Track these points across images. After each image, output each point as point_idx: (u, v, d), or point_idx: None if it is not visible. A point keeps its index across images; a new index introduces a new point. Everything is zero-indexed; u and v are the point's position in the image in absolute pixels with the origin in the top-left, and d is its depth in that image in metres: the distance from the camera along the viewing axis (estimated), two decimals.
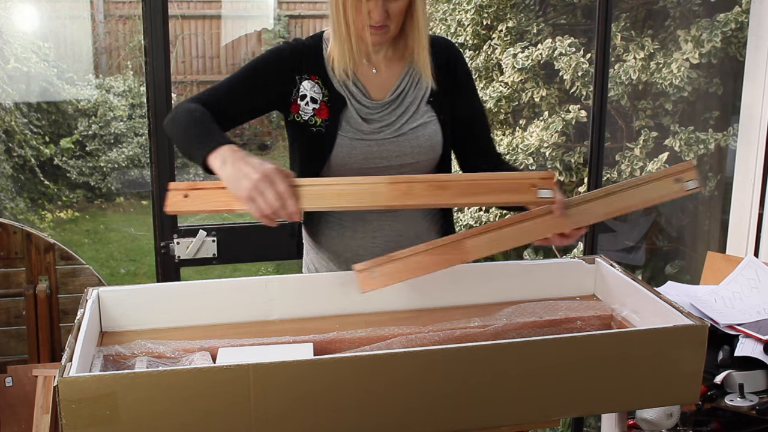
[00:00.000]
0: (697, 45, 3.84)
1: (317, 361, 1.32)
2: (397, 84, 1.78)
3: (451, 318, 1.65)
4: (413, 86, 1.79)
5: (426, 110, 1.79)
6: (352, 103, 1.75)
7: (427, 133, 1.78)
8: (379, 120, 1.76)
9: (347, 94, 1.75)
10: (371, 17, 1.63)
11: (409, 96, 1.79)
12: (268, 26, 6.26)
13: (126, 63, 5.95)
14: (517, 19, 4.39)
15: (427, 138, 1.78)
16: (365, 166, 1.76)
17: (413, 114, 1.78)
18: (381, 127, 1.76)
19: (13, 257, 2.47)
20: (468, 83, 1.85)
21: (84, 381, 1.23)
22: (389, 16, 1.64)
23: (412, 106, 1.78)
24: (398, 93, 1.78)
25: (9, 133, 5.18)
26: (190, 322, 1.65)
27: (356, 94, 1.76)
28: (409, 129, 1.77)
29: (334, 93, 1.75)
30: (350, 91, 1.76)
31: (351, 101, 1.75)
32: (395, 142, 1.76)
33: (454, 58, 1.83)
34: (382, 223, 1.81)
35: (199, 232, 2.46)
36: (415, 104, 1.79)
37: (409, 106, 1.78)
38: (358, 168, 1.75)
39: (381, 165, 1.76)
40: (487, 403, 1.38)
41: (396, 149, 1.76)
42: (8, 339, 2.52)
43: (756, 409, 1.76)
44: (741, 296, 2.10)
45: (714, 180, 4.04)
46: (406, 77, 1.78)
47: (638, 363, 1.43)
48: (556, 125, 4.14)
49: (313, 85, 1.75)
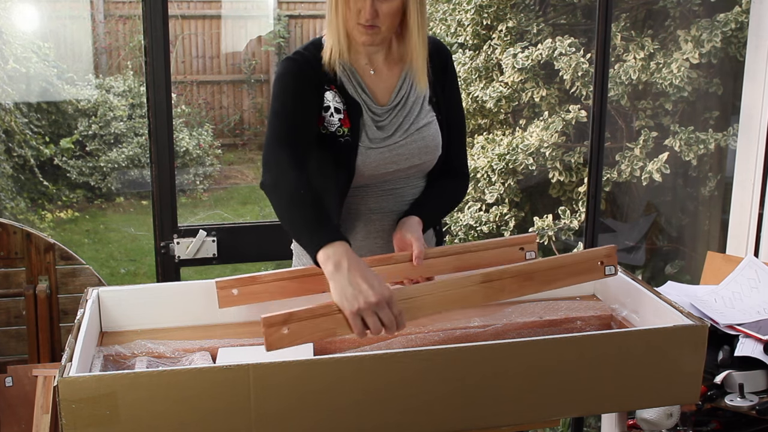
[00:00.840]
0: (697, 45, 3.84)
1: (317, 361, 1.32)
2: (398, 86, 1.78)
3: (451, 318, 1.66)
4: (413, 86, 1.79)
5: (428, 110, 1.80)
6: (366, 110, 1.75)
7: (431, 133, 1.79)
8: (390, 125, 1.76)
9: (361, 100, 1.75)
10: (361, 16, 1.63)
11: (412, 96, 1.79)
12: (268, 26, 6.25)
13: (126, 63, 5.94)
14: (517, 19, 4.38)
15: (432, 138, 1.79)
16: (376, 172, 1.75)
17: (417, 114, 1.78)
18: (392, 133, 1.76)
19: (13, 257, 2.47)
20: (455, 88, 1.87)
21: (84, 381, 1.23)
22: (379, 16, 1.63)
23: (416, 106, 1.79)
24: (401, 95, 1.78)
25: (9, 133, 5.18)
26: (190, 322, 1.65)
27: (367, 101, 1.75)
28: (416, 129, 1.77)
29: (350, 100, 1.74)
30: (362, 98, 1.75)
31: (365, 109, 1.75)
32: (404, 145, 1.76)
33: (445, 61, 1.83)
34: (384, 224, 1.81)
35: (199, 232, 2.46)
36: (418, 104, 1.79)
37: (412, 106, 1.78)
38: (369, 175, 1.74)
39: (391, 170, 1.76)
40: (487, 403, 1.38)
41: (405, 152, 1.76)
42: (8, 339, 2.52)
43: (756, 409, 1.76)
44: (741, 296, 2.10)
45: (714, 180, 4.04)
46: (406, 79, 1.78)
47: (638, 363, 1.43)
48: (556, 125, 4.14)
49: (334, 95, 1.73)
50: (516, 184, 4.30)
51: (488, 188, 4.29)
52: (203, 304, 1.65)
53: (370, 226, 1.80)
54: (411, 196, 1.81)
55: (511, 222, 4.29)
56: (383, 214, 1.79)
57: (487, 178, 4.29)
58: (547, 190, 4.32)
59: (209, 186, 5.87)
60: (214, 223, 2.51)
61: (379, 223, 1.80)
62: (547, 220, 4.10)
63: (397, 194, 1.79)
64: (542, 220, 4.11)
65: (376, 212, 1.79)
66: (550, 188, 4.29)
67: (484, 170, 4.28)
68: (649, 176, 3.94)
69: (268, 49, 6.23)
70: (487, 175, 4.28)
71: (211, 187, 5.91)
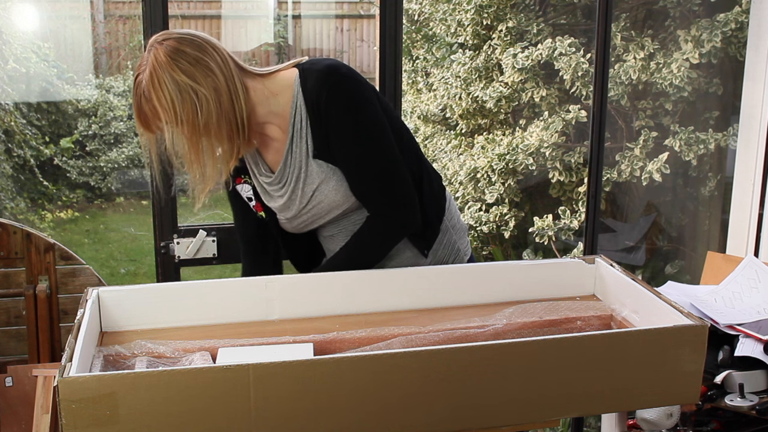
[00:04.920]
0: (697, 45, 3.84)
1: (317, 361, 1.32)
2: (285, 151, 1.72)
3: (451, 318, 1.66)
4: (295, 144, 1.71)
5: (315, 168, 1.71)
6: (261, 188, 1.80)
7: (326, 193, 1.72)
8: (285, 194, 1.75)
9: (254, 177, 1.80)
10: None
11: (296, 159, 1.72)
12: (268, 26, 6.25)
13: (126, 63, 5.94)
14: (517, 19, 4.38)
15: (331, 197, 1.72)
16: (306, 230, 1.82)
17: (305, 179, 1.72)
18: (289, 201, 1.76)
19: (13, 257, 2.47)
20: (344, 127, 1.65)
21: (84, 381, 1.23)
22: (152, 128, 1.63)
23: (303, 169, 1.72)
24: (283, 161, 1.73)
25: (9, 133, 5.18)
26: (190, 322, 1.65)
27: (261, 178, 1.78)
28: (311, 193, 1.73)
29: (252, 184, 1.82)
30: (255, 174, 1.79)
31: (261, 187, 1.80)
32: (311, 209, 1.75)
33: (322, 103, 1.65)
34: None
35: (199, 232, 2.46)
36: (304, 166, 1.72)
37: (299, 170, 1.72)
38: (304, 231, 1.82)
39: (320, 223, 1.79)
40: (487, 403, 1.38)
41: (318, 212, 1.76)
42: (8, 339, 2.52)
43: (756, 409, 1.76)
44: (741, 296, 2.10)
45: (714, 180, 4.04)
46: (292, 142, 1.71)
47: (638, 363, 1.43)
48: (556, 125, 4.14)
49: (242, 186, 1.82)
50: (516, 184, 4.30)
51: (488, 188, 4.29)
52: (203, 304, 1.65)
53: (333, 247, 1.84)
54: (361, 222, 1.77)
55: (511, 222, 4.30)
56: (341, 239, 1.81)
57: (487, 178, 4.29)
58: (547, 190, 4.32)
59: None
60: (214, 223, 2.51)
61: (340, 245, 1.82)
62: (547, 220, 4.10)
63: (342, 225, 1.80)
64: (542, 220, 4.11)
65: (334, 239, 1.82)
66: (550, 188, 4.29)
67: (484, 170, 4.28)
68: (649, 176, 3.94)
69: (268, 49, 6.23)
70: (487, 175, 4.28)
71: (211, 187, 5.89)
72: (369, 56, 6.27)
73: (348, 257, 1.74)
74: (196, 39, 1.59)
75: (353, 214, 1.76)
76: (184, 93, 1.55)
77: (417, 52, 5.10)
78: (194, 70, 1.56)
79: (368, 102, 1.66)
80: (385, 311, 1.71)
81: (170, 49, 1.56)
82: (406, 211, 1.72)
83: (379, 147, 1.67)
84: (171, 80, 1.55)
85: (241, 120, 1.62)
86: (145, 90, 1.57)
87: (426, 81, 5.06)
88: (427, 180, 1.80)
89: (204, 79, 1.56)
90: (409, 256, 1.79)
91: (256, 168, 1.78)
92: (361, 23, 6.24)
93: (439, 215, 1.82)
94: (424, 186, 1.78)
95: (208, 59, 1.58)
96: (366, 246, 1.74)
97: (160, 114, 1.57)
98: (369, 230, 1.73)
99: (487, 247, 4.57)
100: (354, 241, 1.74)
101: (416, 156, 1.79)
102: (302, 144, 1.69)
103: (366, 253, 1.74)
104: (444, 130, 4.88)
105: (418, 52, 5.09)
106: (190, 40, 1.58)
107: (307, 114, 1.67)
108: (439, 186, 1.85)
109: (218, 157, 1.64)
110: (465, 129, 4.69)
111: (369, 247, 1.74)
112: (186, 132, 1.58)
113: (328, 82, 1.63)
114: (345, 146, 1.66)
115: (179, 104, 1.55)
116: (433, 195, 1.81)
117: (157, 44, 1.58)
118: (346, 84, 1.64)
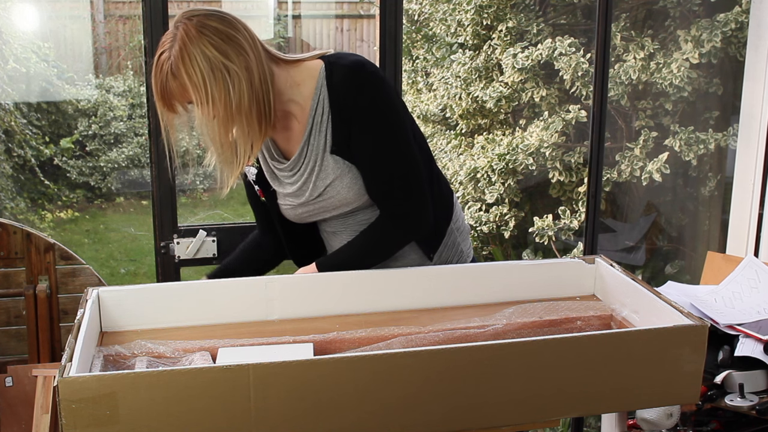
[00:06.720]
0: (697, 45, 3.84)
1: (317, 361, 1.32)
2: (302, 141, 1.69)
3: (451, 318, 1.65)
4: (313, 137, 1.68)
5: (331, 164, 1.67)
6: (269, 172, 1.77)
7: (340, 190, 1.69)
8: (295, 182, 1.73)
9: (265, 162, 1.77)
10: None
11: (313, 152, 1.69)
12: (268, 26, 6.25)
13: (126, 63, 5.94)
14: (517, 19, 4.39)
15: (344, 195, 1.69)
16: (309, 221, 1.79)
17: (318, 173, 1.69)
18: (299, 191, 1.72)
19: (13, 257, 2.47)
20: (371, 124, 1.63)
21: (84, 381, 1.23)
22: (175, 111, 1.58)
23: (318, 163, 1.69)
24: (303, 152, 1.70)
25: (9, 133, 5.18)
26: (190, 322, 1.65)
27: (272, 162, 1.76)
28: (323, 188, 1.70)
29: (259, 167, 1.78)
30: (266, 158, 1.76)
31: (269, 172, 1.77)
32: (318, 202, 1.72)
33: (350, 98, 1.62)
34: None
35: (199, 232, 2.46)
36: (320, 159, 1.69)
37: (315, 163, 1.69)
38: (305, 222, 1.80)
39: (324, 217, 1.77)
40: (487, 403, 1.38)
41: (326, 206, 1.73)
42: (8, 339, 2.52)
43: (756, 409, 1.76)
44: (741, 296, 2.10)
45: (714, 180, 4.04)
46: (311, 133, 1.68)
47: (638, 363, 1.43)
48: (556, 125, 4.14)
49: (249, 168, 1.78)
50: (516, 184, 4.30)
51: (488, 188, 4.29)
52: (203, 304, 1.65)
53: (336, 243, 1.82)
54: (367, 222, 1.75)
55: (511, 222, 4.30)
56: (345, 237, 1.79)
57: (487, 178, 4.29)
58: (547, 190, 4.32)
59: (209, 186, 5.87)
60: (214, 223, 2.51)
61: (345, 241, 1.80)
62: (547, 220, 4.10)
63: (348, 223, 1.78)
64: (542, 220, 4.11)
65: (338, 236, 1.80)
66: (550, 188, 4.29)
67: (484, 170, 4.28)
68: (649, 176, 3.94)
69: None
70: (487, 175, 4.28)
71: (211, 187, 5.91)
72: (369, 56, 6.24)
73: (356, 254, 1.72)
74: (226, 16, 1.55)
75: (360, 213, 1.74)
76: (216, 70, 1.50)
77: (417, 52, 5.10)
78: (227, 47, 1.51)
79: (393, 103, 1.65)
80: (385, 311, 1.71)
81: (201, 24, 1.51)
82: (422, 213, 1.70)
83: (401, 148, 1.66)
84: (203, 56, 1.49)
85: (268, 103, 1.58)
86: (173, 65, 1.50)
87: (426, 81, 5.07)
88: (437, 183, 1.79)
89: (237, 57, 1.51)
90: (414, 258, 1.78)
91: (267, 152, 1.74)
92: (361, 23, 6.24)
93: (447, 219, 1.81)
94: (434, 189, 1.76)
95: (240, 37, 1.53)
96: (377, 245, 1.72)
97: (190, 91, 1.52)
98: (382, 230, 1.71)
99: (487, 247, 4.57)
100: (365, 239, 1.72)
101: (428, 157, 1.78)
102: (320, 138, 1.66)
103: (376, 252, 1.73)
104: (444, 130, 4.88)
105: (418, 52, 5.09)
106: (220, 17, 1.54)
107: (329, 108, 1.64)
108: (448, 189, 1.84)
109: (247, 139, 1.58)
110: (465, 129, 4.69)
111: (380, 247, 1.73)
112: (217, 112, 1.52)
113: (357, 79, 1.61)
114: (368, 145, 1.64)
115: (211, 81, 1.50)
116: (443, 198, 1.80)
117: (185, 20, 1.52)
118: (374, 84, 1.62)
